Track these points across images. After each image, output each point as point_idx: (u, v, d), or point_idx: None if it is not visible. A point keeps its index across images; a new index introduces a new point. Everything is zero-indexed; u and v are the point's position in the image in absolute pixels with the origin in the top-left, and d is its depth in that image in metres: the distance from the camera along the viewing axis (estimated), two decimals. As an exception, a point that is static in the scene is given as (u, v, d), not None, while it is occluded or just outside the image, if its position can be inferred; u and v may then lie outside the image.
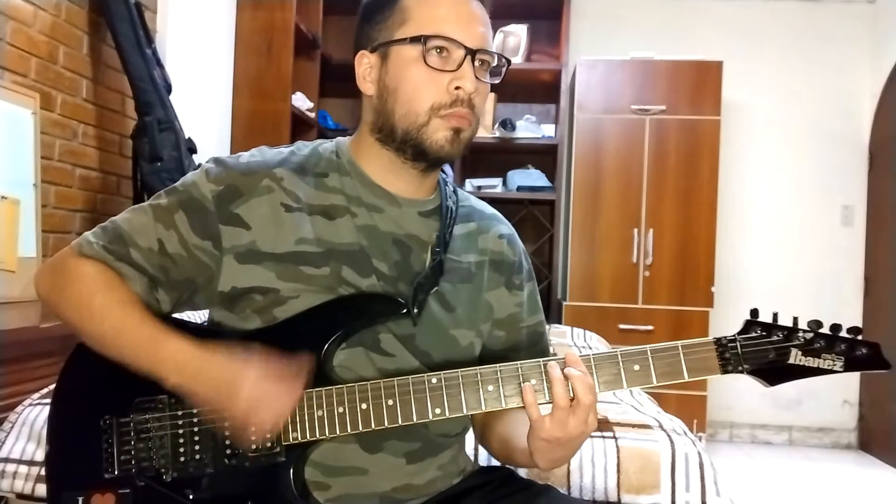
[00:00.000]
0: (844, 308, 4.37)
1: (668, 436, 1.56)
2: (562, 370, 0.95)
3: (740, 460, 4.06)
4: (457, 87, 1.02)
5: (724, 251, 4.25)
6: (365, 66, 1.07)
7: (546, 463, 0.99)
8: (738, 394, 4.40)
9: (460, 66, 1.02)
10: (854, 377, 4.42)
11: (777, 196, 4.49)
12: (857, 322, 3.91)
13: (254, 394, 0.94)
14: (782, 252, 4.47)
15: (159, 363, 0.98)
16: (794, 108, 4.46)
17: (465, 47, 1.02)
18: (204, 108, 3.29)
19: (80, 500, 1.01)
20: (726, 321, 0.95)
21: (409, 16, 1.03)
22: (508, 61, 1.09)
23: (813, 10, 4.45)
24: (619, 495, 1.49)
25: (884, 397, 4.16)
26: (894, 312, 4.00)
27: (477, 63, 1.04)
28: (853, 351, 0.96)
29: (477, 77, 1.03)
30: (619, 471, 1.51)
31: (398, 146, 1.06)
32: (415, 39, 1.02)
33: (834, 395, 4.45)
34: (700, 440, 2.16)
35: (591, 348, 2.87)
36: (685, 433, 1.60)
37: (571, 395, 0.94)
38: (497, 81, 1.09)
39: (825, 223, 4.47)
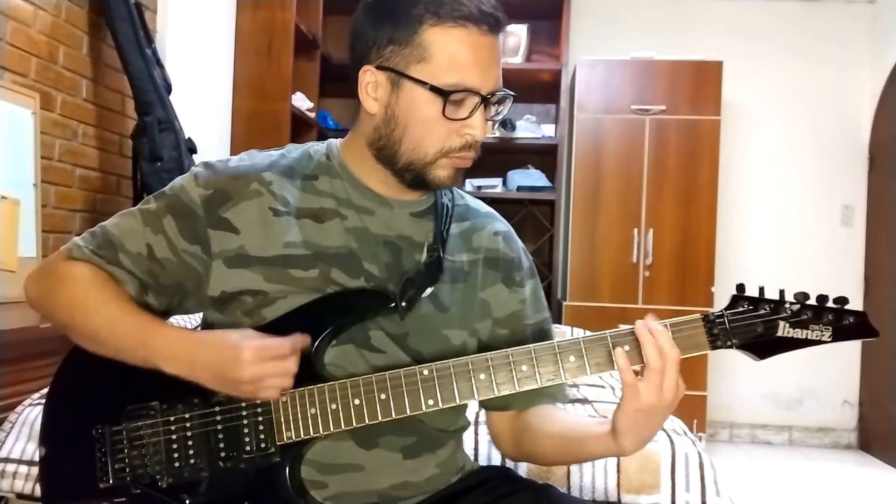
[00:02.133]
0: (844, 308, 4.36)
1: (668, 436, 1.56)
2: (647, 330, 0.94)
3: (740, 460, 4.05)
4: (467, 133, 1.02)
5: (724, 251, 4.24)
6: (370, 81, 1.03)
7: (634, 443, 0.97)
8: (738, 394, 4.40)
9: (473, 112, 1.00)
10: (854, 376, 4.42)
11: (777, 196, 4.49)
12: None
13: (253, 374, 0.94)
14: (782, 252, 4.47)
15: (154, 353, 0.99)
16: (794, 108, 4.46)
17: (481, 95, 1.00)
18: (204, 108, 3.29)
19: None
20: (726, 321, 0.96)
21: (429, 53, 0.98)
22: (514, 96, 1.07)
23: (813, 10, 4.44)
24: (619, 495, 1.49)
25: (884, 397, 4.15)
26: (894, 312, 4.00)
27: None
28: (841, 320, 0.95)
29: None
30: (619, 470, 1.51)
31: (397, 171, 1.05)
32: (435, 90, 0.98)
33: (834, 395, 4.45)
34: (700, 440, 2.17)
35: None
36: (685, 433, 1.60)
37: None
38: (499, 119, 1.08)
39: (825, 223, 4.47)
